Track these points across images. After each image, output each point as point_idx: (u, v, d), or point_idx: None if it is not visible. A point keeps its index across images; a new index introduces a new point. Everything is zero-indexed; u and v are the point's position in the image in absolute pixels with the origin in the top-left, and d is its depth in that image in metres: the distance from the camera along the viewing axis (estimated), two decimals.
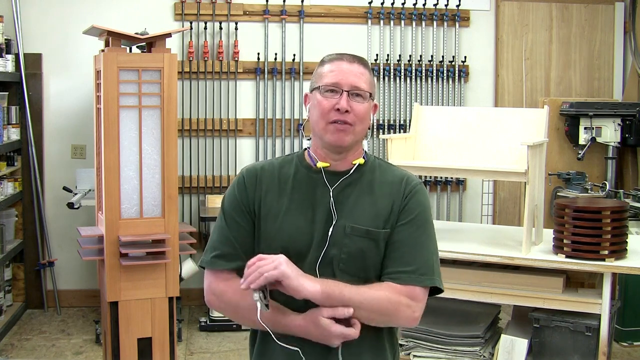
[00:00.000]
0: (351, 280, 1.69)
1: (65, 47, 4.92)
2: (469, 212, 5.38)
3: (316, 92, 1.76)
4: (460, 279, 3.18)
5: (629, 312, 4.29)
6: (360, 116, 1.73)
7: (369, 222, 1.74)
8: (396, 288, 1.69)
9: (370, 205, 1.76)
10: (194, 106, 4.99)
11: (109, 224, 3.14)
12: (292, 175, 1.80)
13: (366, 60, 1.80)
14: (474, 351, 3.18)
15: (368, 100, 1.75)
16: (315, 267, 1.71)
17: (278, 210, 1.76)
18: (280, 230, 1.74)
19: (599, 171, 5.08)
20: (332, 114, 1.72)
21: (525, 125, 3.32)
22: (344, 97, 1.71)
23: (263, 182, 1.79)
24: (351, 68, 1.74)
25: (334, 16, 5.16)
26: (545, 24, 5.37)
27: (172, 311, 3.30)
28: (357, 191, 1.78)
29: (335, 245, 1.72)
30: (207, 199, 4.83)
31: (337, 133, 1.72)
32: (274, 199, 1.77)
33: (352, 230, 1.72)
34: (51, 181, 4.94)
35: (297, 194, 1.77)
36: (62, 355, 4.16)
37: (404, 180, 1.80)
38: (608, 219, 2.95)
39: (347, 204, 1.76)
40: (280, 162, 1.85)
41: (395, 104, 5.20)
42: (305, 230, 1.73)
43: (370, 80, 1.77)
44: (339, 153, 1.77)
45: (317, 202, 1.76)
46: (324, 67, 1.77)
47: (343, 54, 1.78)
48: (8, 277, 4.80)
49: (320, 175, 1.78)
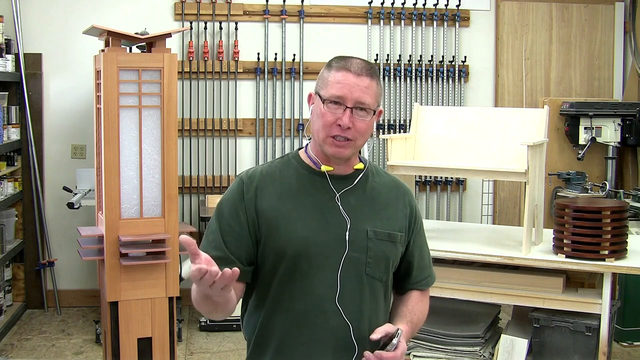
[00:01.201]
0: (376, 283, 1.75)
1: (65, 47, 4.92)
2: (469, 212, 5.38)
3: (319, 99, 1.73)
4: (460, 279, 3.17)
5: (629, 312, 4.29)
6: (361, 132, 1.71)
7: (386, 225, 1.78)
8: (424, 295, 1.90)
9: (383, 209, 1.80)
10: (194, 106, 4.99)
11: (109, 224, 3.14)
12: (294, 179, 1.77)
13: (375, 69, 1.75)
14: (474, 351, 3.18)
15: (371, 115, 1.72)
16: (337, 272, 1.70)
17: (285, 214, 1.73)
18: (291, 234, 1.71)
19: (599, 171, 5.08)
20: (334, 128, 1.69)
21: (525, 125, 3.32)
22: (347, 114, 1.68)
23: (264, 187, 1.76)
24: (357, 82, 1.69)
25: (334, 16, 5.16)
26: (545, 24, 5.37)
27: (172, 311, 3.30)
28: (363, 195, 1.79)
29: (357, 249, 1.73)
30: (207, 199, 4.82)
31: (335, 147, 1.71)
32: (277, 204, 1.74)
33: (375, 235, 1.75)
34: (51, 181, 4.94)
35: (303, 198, 1.75)
36: (62, 355, 4.16)
37: (400, 186, 1.88)
38: (608, 219, 2.95)
39: (357, 206, 1.76)
40: (279, 164, 1.82)
41: (395, 104, 5.20)
42: (320, 234, 1.72)
43: (376, 91, 1.73)
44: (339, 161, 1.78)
45: (324, 206, 1.74)
46: (330, 75, 1.72)
47: (352, 61, 1.72)
48: (8, 277, 4.80)
49: (324, 179, 1.77)
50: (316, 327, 1.70)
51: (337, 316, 1.70)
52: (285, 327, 1.72)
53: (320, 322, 1.70)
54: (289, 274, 1.71)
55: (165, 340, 3.28)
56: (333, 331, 1.70)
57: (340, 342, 1.70)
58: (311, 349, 1.71)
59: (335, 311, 1.70)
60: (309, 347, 1.71)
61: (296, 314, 1.71)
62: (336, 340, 1.71)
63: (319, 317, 1.70)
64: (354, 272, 1.72)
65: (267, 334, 1.75)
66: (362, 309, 1.72)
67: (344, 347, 1.71)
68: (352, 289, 1.72)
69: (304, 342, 1.71)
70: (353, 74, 1.70)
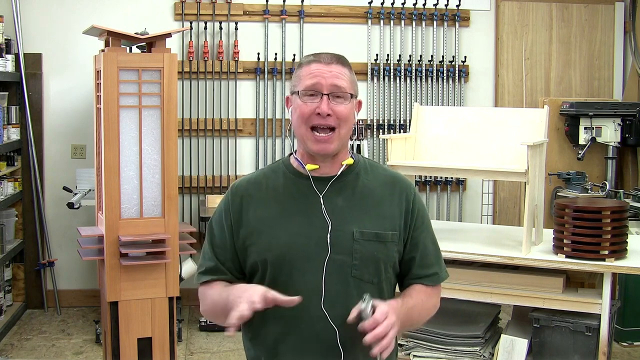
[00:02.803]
0: (365, 285, 1.68)
1: (65, 47, 4.92)
2: (469, 212, 5.38)
3: (296, 96, 1.71)
4: (460, 279, 3.17)
5: (629, 312, 4.29)
6: (343, 117, 1.69)
7: (375, 225, 1.72)
8: (432, 291, 1.80)
9: (373, 208, 1.74)
10: (194, 106, 4.99)
11: (109, 224, 3.14)
12: (281, 184, 1.76)
13: (345, 58, 1.74)
14: (474, 351, 3.18)
15: (350, 100, 1.70)
16: (321, 275, 1.67)
17: (270, 220, 1.72)
18: (273, 241, 1.70)
19: (599, 171, 5.08)
20: (313, 117, 1.67)
21: (525, 125, 3.32)
22: (325, 101, 1.67)
23: (250, 197, 1.75)
24: (329, 69, 1.69)
25: (334, 16, 5.16)
26: (545, 24, 5.37)
27: (172, 311, 3.30)
28: (354, 194, 1.75)
29: (342, 251, 1.68)
30: (207, 199, 4.83)
31: (319, 144, 1.68)
32: (263, 211, 1.73)
33: (361, 235, 1.70)
34: (51, 181, 4.94)
35: (288, 203, 1.73)
36: (62, 355, 4.16)
37: (399, 182, 1.81)
38: (608, 219, 2.95)
39: (344, 207, 1.72)
40: (267, 171, 1.81)
41: (395, 104, 5.20)
42: (302, 237, 1.69)
43: (350, 78, 1.72)
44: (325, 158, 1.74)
45: (310, 209, 1.71)
46: (302, 70, 1.72)
47: (320, 53, 1.73)
48: (8, 277, 4.80)
49: (309, 181, 1.73)
50: (303, 333, 1.67)
51: (323, 321, 1.65)
52: (275, 335, 1.71)
53: (306, 328, 1.67)
54: (273, 281, 1.68)
55: (165, 340, 3.29)
56: (319, 337, 1.66)
57: (328, 347, 1.66)
58: (300, 356, 1.68)
59: (321, 316, 1.65)
60: (297, 354, 1.68)
61: (285, 320, 1.68)
62: (323, 345, 1.66)
63: (304, 322, 1.67)
64: (339, 275, 1.67)
65: (259, 342, 1.74)
66: (350, 313, 1.60)
67: (332, 353, 1.66)
68: (337, 293, 1.67)
69: (292, 350, 1.69)
70: (323, 63, 1.70)
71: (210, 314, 1.79)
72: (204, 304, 1.79)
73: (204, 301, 1.79)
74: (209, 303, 1.76)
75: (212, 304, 1.75)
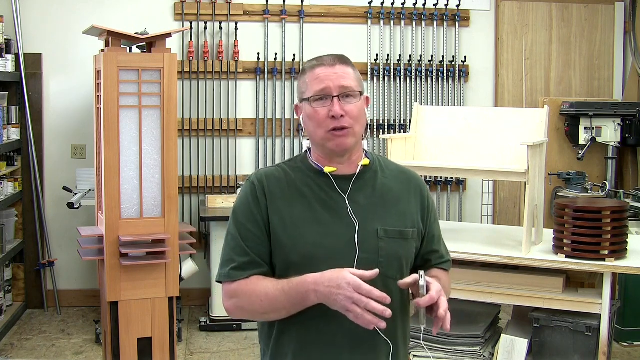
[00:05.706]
0: (389, 282, 1.70)
1: (65, 47, 4.92)
2: (469, 212, 5.38)
3: (306, 103, 1.73)
4: (460, 279, 3.17)
5: (629, 312, 4.29)
6: (355, 116, 1.72)
7: (397, 223, 1.76)
8: (448, 276, 1.92)
9: (394, 206, 1.78)
10: (194, 106, 4.99)
11: (109, 224, 3.14)
12: (302, 182, 1.76)
13: (347, 58, 1.77)
14: (474, 351, 3.18)
15: (359, 98, 1.73)
16: None
17: (294, 218, 1.71)
18: (300, 238, 1.70)
19: (599, 171, 5.08)
20: (328, 122, 1.70)
21: (525, 125, 3.32)
22: (336, 103, 1.69)
23: (274, 190, 1.75)
24: (334, 70, 1.71)
25: (334, 16, 5.16)
26: (545, 24, 5.37)
27: (172, 311, 3.30)
28: (373, 193, 1.77)
29: (368, 250, 1.70)
30: (207, 199, 4.82)
31: (337, 139, 1.71)
32: (286, 207, 1.73)
33: (385, 234, 1.73)
34: (51, 181, 4.95)
35: (311, 201, 1.74)
36: (62, 355, 4.16)
37: (412, 178, 1.87)
38: (608, 219, 2.95)
39: (366, 206, 1.75)
40: (288, 167, 1.80)
41: (395, 104, 5.20)
42: (328, 236, 1.70)
43: (355, 76, 1.75)
44: (342, 155, 1.76)
45: (332, 208, 1.73)
46: (307, 76, 1.74)
47: (321, 56, 1.75)
48: (8, 277, 4.80)
49: (329, 180, 1.75)
50: (331, 331, 1.69)
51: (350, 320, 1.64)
52: (302, 332, 1.70)
53: (335, 327, 1.67)
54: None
55: (165, 340, 3.28)
56: (347, 333, 1.67)
57: (356, 343, 1.69)
58: (328, 353, 1.69)
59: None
60: (325, 350, 1.69)
61: (311, 318, 1.68)
62: (351, 342, 1.69)
63: (333, 321, 1.66)
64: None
65: (283, 341, 1.74)
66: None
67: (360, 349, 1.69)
68: None
69: (320, 346, 1.70)
70: (327, 66, 1.72)
71: (262, 309, 1.68)
72: (249, 300, 1.69)
73: (249, 298, 1.69)
74: (262, 298, 1.67)
75: (268, 299, 1.66)
